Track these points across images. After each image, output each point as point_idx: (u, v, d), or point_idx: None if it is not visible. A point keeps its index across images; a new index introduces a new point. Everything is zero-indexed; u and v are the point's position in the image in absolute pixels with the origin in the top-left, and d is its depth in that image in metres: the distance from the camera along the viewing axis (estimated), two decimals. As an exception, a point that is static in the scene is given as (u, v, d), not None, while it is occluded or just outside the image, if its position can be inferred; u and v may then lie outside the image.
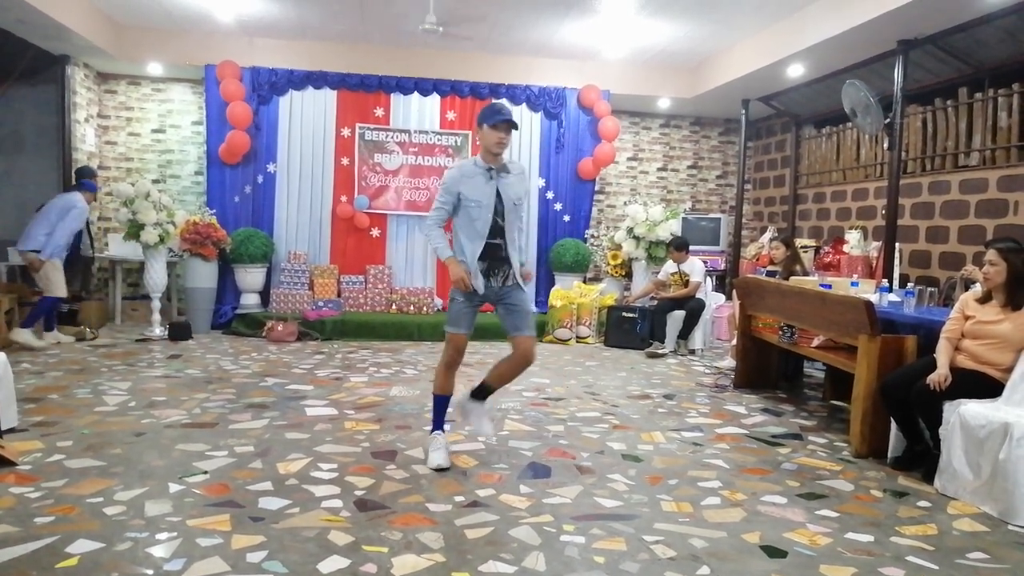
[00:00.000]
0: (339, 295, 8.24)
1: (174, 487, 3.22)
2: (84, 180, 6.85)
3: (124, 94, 8.71)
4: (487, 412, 3.86)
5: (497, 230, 3.58)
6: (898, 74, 6.10)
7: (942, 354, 3.80)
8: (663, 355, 7.21)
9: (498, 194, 3.57)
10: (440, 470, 3.56)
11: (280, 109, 8.29)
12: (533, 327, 3.69)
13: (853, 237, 7.08)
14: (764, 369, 5.86)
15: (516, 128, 3.69)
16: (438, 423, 3.76)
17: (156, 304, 7.46)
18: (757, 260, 8.22)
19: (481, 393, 3.79)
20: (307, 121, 8.36)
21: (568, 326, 7.89)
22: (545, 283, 8.79)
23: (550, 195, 8.86)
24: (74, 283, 7.23)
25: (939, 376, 3.66)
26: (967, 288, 4.60)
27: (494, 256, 3.60)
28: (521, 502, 3.22)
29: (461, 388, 3.90)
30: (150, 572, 2.45)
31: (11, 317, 6.45)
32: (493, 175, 3.58)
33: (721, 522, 3.08)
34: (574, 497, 3.31)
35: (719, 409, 5.13)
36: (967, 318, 3.86)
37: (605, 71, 8.68)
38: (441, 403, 3.77)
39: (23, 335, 6.28)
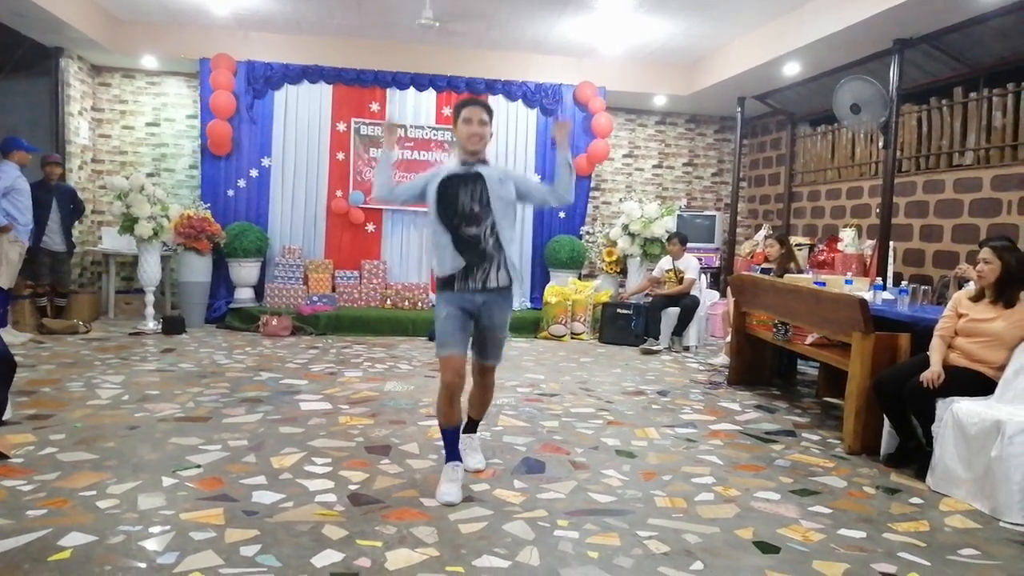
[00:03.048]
0: (334, 290, 8.23)
1: (167, 481, 3.22)
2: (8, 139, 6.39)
3: (118, 87, 8.66)
4: (477, 445, 3.64)
5: (472, 218, 3.16)
6: (893, 73, 6.11)
7: (935, 352, 3.82)
8: (657, 352, 7.22)
9: (484, 186, 3.18)
10: (448, 505, 3.09)
11: (275, 103, 8.26)
12: (500, 355, 3.36)
13: (847, 235, 7.10)
14: (758, 366, 5.87)
15: (488, 111, 3.24)
16: (451, 453, 3.28)
17: (150, 298, 7.44)
18: (752, 258, 8.23)
19: (469, 427, 3.58)
20: (302, 115, 8.34)
21: (563, 322, 7.89)
22: (540, 279, 8.79)
23: (546, 191, 8.84)
24: (43, 278, 7.08)
25: (932, 374, 3.67)
26: (960, 287, 4.61)
27: (472, 251, 3.16)
28: (515, 497, 3.22)
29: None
30: (143, 565, 2.44)
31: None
32: (468, 168, 3.22)
33: (714, 518, 3.09)
34: (568, 492, 3.32)
35: (713, 406, 5.14)
36: (960, 316, 3.88)
37: (601, 68, 8.67)
38: (450, 435, 3.28)
39: None
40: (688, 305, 7.42)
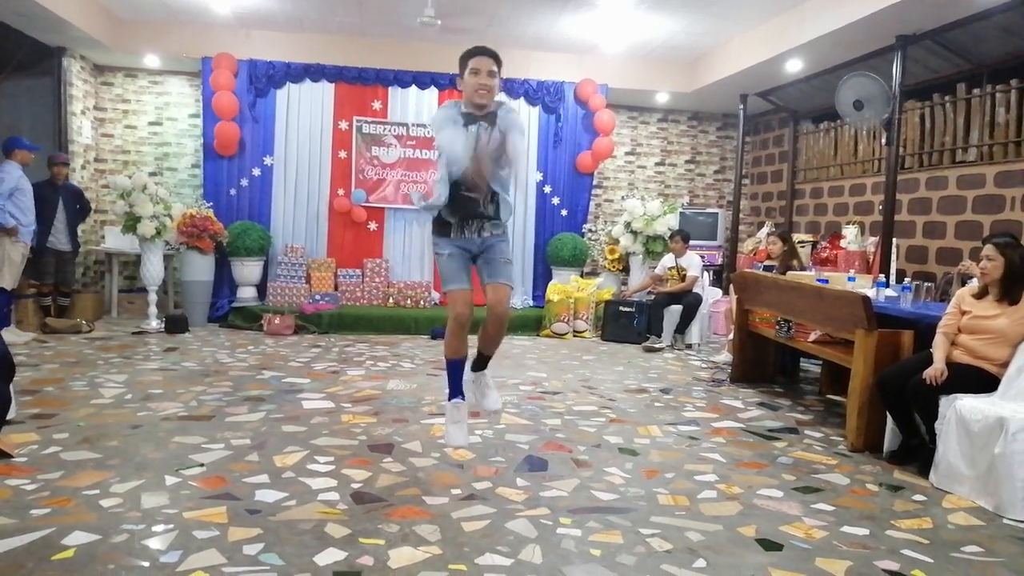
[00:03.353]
0: (336, 288, 8.23)
1: (170, 479, 3.22)
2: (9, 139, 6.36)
3: (121, 86, 8.67)
4: (491, 382, 3.48)
5: (470, 184, 3.11)
6: (896, 70, 6.10)
7: (938, 349, 3.81)
8: (660, 349, 7.22)
9: (477, 142, 3.09)
10: (456, 448, 3.16)
11: (277, 102, 8.26)
12: (509, 276, 3.28)
13: (850, 232, 7.08)
14: (760, 363, 5.87)
15: (498, 61, 3.14)
16: (455, 388, 3.28)
17: (153, 297, 7.45)
18: (754, 255, 8.21)
19: (479, 364, 3.44)
20: (304, 114, 8.34)
21: (565, 320, 7.89)
22: (542, 277, 8.78)
23: (548, 189, 8.85)
24: (47, 277, 7.05)
25: (935, 371, 3.67)
26: (964, 283, 4.60)
27: (469, 211, 3.18)
28: (518, 495, 3.22)
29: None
30: (146, 564, 2.45)
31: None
32: (472, 126, 3.10)
33: (717, 515, 3.08)
34: (571, 490, 3.32)
35: (715, 403, 5.14)
36: (963, 313, 3.87)
37: (603, 65, 8.66)
38: (456, 367, 3.29)
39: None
40: (691, 303, 7.42)
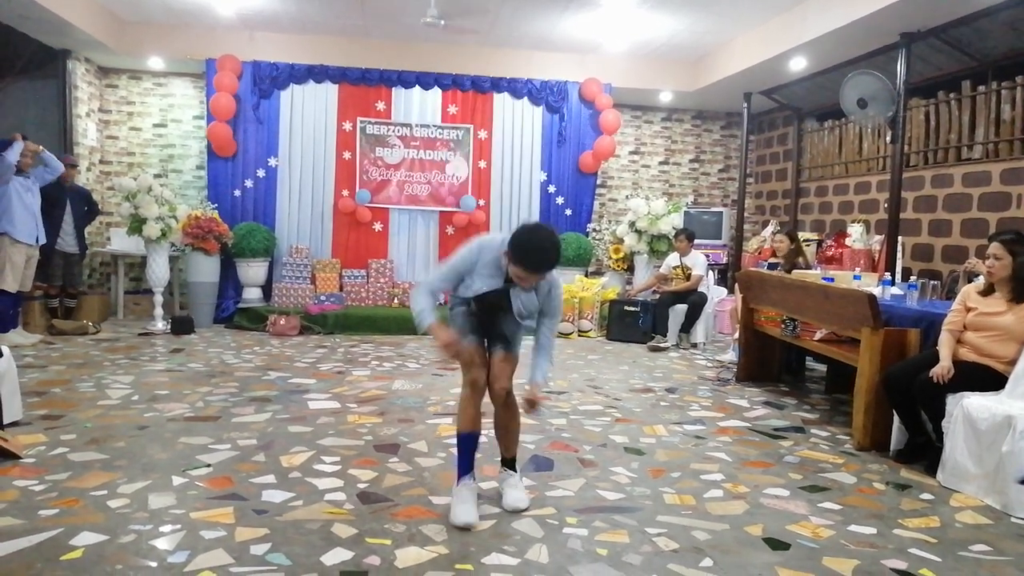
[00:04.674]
0: (341, 289, 8.24)
1: (177, 480, 3.23)
2: None
3: (125, 88, 8.70)
4: (519, 482, 3.18)
5: (498, 335, 3.09)
6: (901, 67, 6.08)
7: (944, 347, 3.80)
8: (665, 349, 7.21)
9: (508, 298, 2.96)
10: (466, 527, 2.82)
11: (281, 103, 8.28)
12: (517, 347, 3.15)
13: (855, 230, 7.07)
14: (766, 362, 5.85)
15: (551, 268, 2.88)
16: (464, 467, 2.97)
17: (158, 298, 7.47)
18: (759, 253, 8.20)
19: (506, 463, 3.21)
20: (308, 115, 8.36)
21: (570, 320, 7.88)
22: (547, 277, 8.76)
23: (552, 189, 8.85)
24: (55, 279, 7.08)
25: (942, 369, 3.65)
26: (970, 281, 4.59)
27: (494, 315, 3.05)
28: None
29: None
30: (154, 564, 2.46)
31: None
32: (510, 285, 2.93)
33: (724, 514, 3.08)
34: (577, 490, 3.32)
35: (721, 402, 5.13)
36: (969, 310, 3.85)
37: (607, 65, 8.66)
38: (467, 443, 3.00)
39: (8, 339, 5.96)
40: (696, 302, 7.41)
